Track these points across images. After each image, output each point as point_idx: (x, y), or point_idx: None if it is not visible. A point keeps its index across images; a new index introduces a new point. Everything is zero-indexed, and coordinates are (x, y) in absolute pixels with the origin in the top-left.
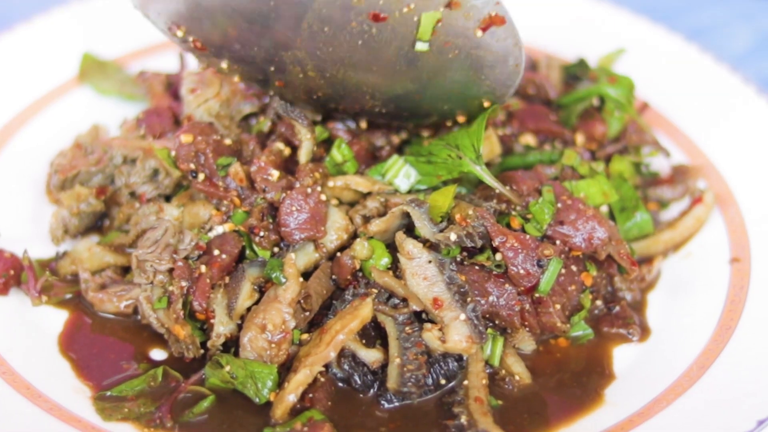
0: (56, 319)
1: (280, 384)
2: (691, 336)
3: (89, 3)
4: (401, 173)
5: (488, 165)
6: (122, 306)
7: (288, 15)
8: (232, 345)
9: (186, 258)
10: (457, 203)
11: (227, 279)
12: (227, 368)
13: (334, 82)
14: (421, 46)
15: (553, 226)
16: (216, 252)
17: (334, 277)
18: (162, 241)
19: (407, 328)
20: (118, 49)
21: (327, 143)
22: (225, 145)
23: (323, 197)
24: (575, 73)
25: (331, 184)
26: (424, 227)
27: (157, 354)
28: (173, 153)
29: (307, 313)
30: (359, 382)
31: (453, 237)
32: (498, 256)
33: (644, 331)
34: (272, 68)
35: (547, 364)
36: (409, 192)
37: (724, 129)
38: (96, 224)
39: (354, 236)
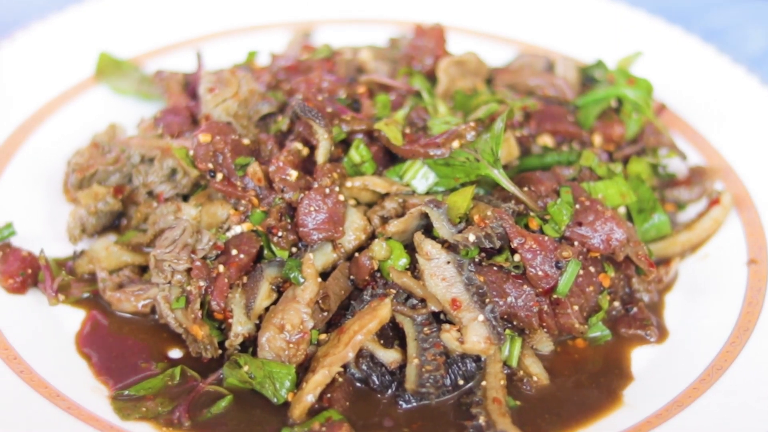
0: (73, 318)
1: (298, 384)
2: (709, 338)
3: (105, 2)
4: (419, 174)
5: (506, 167)
6: (140, 305)
7: None
8: (250, 345)
9: (204, 258)
10: (476, 204)
11: (245, 279)
12: (245, 368)
13: None
14: None
15: (571, 227)
16: (234, 252)
17: (352, 277)
18: (180, 241)
19: (426, 329)
20: (135, 48)
21: (345, 144)
22: (243, 145)
23: (341, 197)
24: (593, 74)
25: (349, 184)
26: (442, 228)
27: (175, 354)
28: (191, 152)
29: (326, 314)
30: (377, 382)
31: (472, 238)
32: (516, 257)
33: (662, 333)
34: None
35: (565, 365)
36: (427, 193)
37: (742, 130)
38: (113, 223)
39: (372, 237)
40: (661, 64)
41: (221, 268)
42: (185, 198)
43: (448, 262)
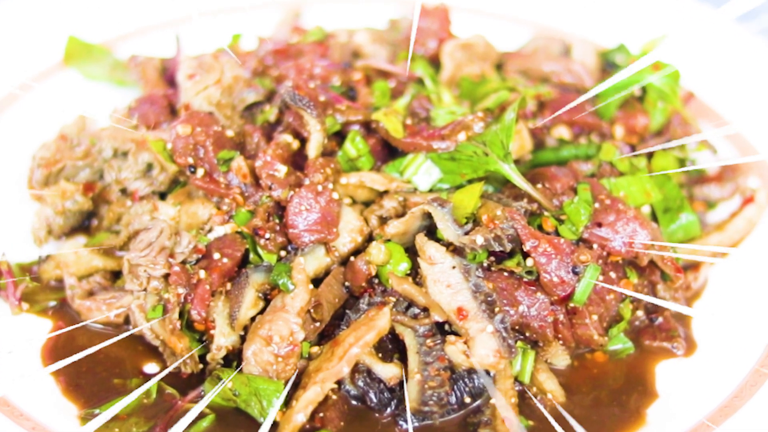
0: (39, 329)
1: (287, 402)
2: (742, 350)
3: None
4: (422, 170)
5: (518, 162)
6: (112, 315)
7: None
8: (234, 359)
9: (183, 262)
10: (484, 203)
11: (229, 285)
12: (229, 384)
13: None
14: None
15: (589, 229)
16: (216, 255)
17: (347, 284)
18: (157, 244)
19: (428, 341)
20: (107, 31)
21: (339, 136)
22: (227, 138)
23: (335, 196)
24: (614, 59)
25: (344, 181)
26: (447, 229)
27: (151, 368)
28: (169, 145)
29: (318, 324)
30: (375, 400)
31: (479, 240)
32: (529, 262)
33: (690, 345)
34: None
35: (582, 380)
36: (431, 191)
37: None
38: (83, 224)
39: (369, 239)
40: (690, 47)
41: (202, 273)
42: (162, 196)
43: (454, 267)
